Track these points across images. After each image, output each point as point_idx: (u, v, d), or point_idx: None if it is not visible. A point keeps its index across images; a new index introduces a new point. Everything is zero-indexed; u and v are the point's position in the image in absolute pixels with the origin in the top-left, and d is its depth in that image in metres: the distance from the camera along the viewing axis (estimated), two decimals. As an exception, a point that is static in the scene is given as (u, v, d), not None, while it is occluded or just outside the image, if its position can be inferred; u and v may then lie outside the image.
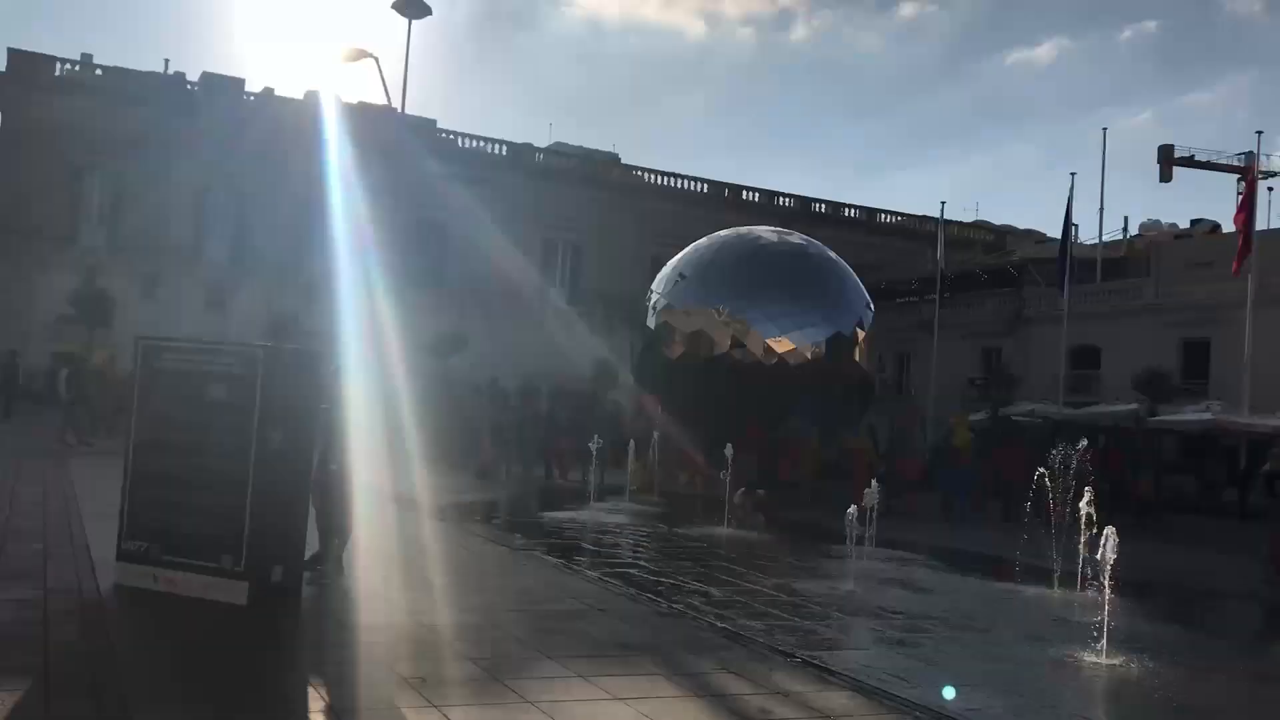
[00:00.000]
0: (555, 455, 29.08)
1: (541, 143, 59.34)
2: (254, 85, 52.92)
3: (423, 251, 47.53)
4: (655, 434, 25.34)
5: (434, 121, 52.71)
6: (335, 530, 10.85)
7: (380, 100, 37.03)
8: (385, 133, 43.23)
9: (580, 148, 62.23)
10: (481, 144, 55.00)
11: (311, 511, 10.40)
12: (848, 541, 14.40)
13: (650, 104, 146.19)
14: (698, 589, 12.27)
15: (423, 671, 7.53)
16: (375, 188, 39.35)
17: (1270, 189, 46.55)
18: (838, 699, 7.63)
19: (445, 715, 6.50)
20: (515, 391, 35.22)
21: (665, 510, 21.69)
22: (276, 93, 50.73)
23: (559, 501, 22.33)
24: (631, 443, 23.52)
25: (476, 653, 8.24)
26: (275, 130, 45.33)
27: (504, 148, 55.23)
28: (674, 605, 10.93)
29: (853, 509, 13.85)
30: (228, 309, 44.90)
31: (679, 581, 12.74)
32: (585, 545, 16.21)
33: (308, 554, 10.46)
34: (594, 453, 21.12)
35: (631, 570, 13.52)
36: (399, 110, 37.46)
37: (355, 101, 46.93)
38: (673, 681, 7.80)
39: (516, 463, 28.18)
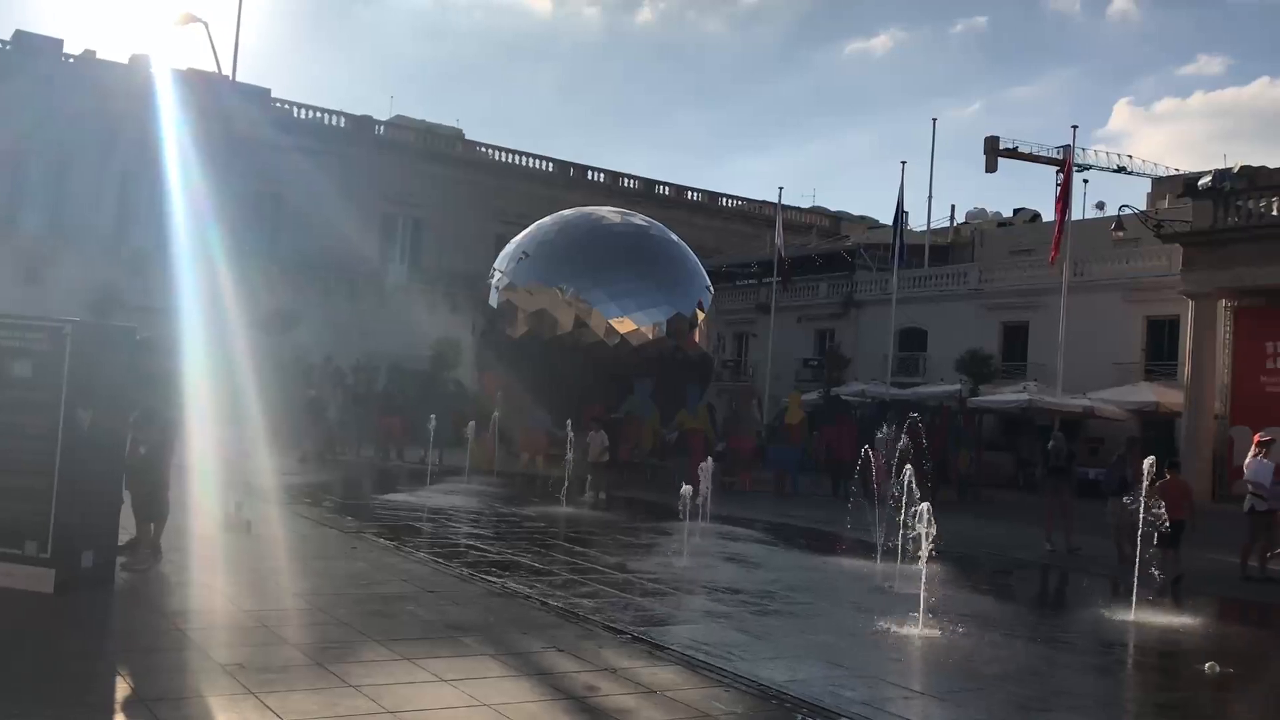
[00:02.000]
0: (385, 435, 28.60)
1: (382, 116, 58.01)
2: (73, 47, 50.05)
3: (256, 224, 45.79)
4: (495, 413, 25.20)
5: (268, 90, 50.81)
6: (152, 514, 10.40)
7: (210, 68, 35.50)
8: (216, 101, 41.42)
9: (423, 122, 61.04)
10: (319, 115, 53.30)
11: (127, 495, 9.96)
12: (682, 518, 14.61)
13: (496, 80, 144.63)
14: (532, 568, 12.27)
15: (241, 658, 7.31)
16: (205, 157, 37.75)
17: (1086, 181, 49.24)
18: (666, 674, 7.74)
19: (262, 702, 6.32)
20: (351, 370, 34.44)
21: (504, 490, 21.61)
22: (99, 56, 48.05)
23: (394, 483, 21.99)
24: (470, 423, 23.30)
25: (299, 638, 8.04)
26: (98, 95, 42.92)
27: (343, 119, 53.68)
28: (507, 585, 10.89)
29: (687, 487, 14.05)
30: (45, 282, 42.41)
31: (514, 561, 12.71)
32: (419, 527, 15.99)
33: (123, 539, 10.03)
34: (431, 433, 20.83)
35: (465, 551, 13.42)
36: (230, 78, 35.95)
37: (184, 68, 44.87)
38: (501, 661, 7.79)
39: (346, 444, 27.61)
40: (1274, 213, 27.89)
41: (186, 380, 11.40)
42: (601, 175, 59.86)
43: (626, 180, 60.59)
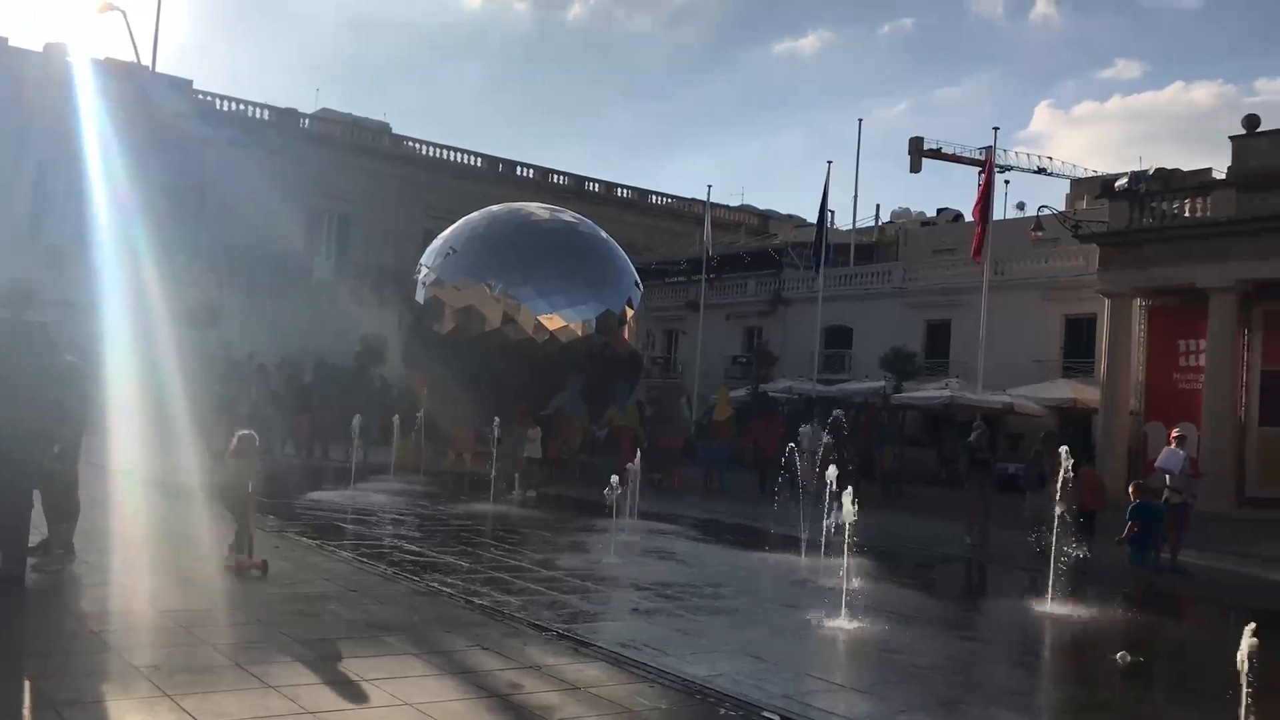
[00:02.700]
0: (305, 433, 28.20)
1: (308, 109, 57.12)
2: (-17, 33, 48.39)
3: (179, 217, 44.70)
4: (421, 411, 24.97)
5: (190, 81, 49.76)
6: (64, 514, 10.15)
7: (130, 57, 34.67)
8: (136, 91, 40.49)
9: (350, 116, 60.25)
10: (242, 107, 52.32)
11: (37, 496, 9.71)
12: (611, 515, 14.63)
13: (424, 75, 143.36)
14: (458, 567, 12.20)
15: (157, 659, 7.17)
16: (126, 148, 36.87)
17: (1007, 181, 50.26)
18: (591, 671, 7.75)
19: (178, 704, 6.20)
20: (276, 367, 33.88)
21: (430, 489, 21.44)
22: (11, 43, 46.67)
23: (318, 481, 21.70)
24: (396, 419, 23.06)
25: (218, 638, 7.91)
26: (11, 84, 41.68)
27: (267, 112, 52.75)
28: (431, 584, 10.82)
29: (614, 483, 14.07)
30: (-46, 277, 41.14)
31: (439, 560, 12.63)
32: (343, 525, 15.79)
33: (34, 540, 9.77)
34: (356, 431, 20.55)
35: (390, 550, 13.30)
36: (151, 68, 35.14)
37: (103, 58, 43.77)
38: (425, 660, 7.73)
39: (268, 442, 27.14)
40: (1187, 214, 28.69)
41: (99, 376, 11.13)
42: (531, 171, 59.63)
43: (556, 176, 60.43)
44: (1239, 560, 17.29)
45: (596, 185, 61.90)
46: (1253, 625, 7.00)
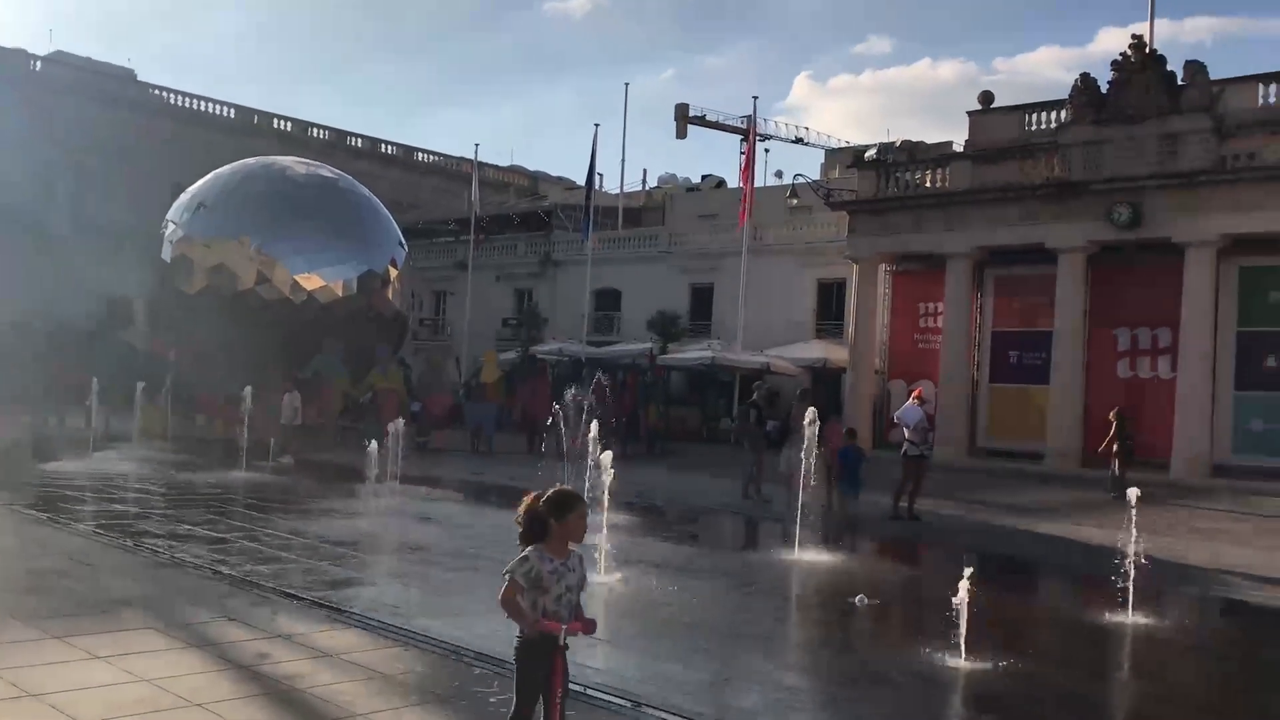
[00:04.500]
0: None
1: (40, 50, 52.71)
2: None
3: (-114, 167, 40.62)
4: (168, 375, 23.67)
5: (-103, 13, 45.02)
6: None
7: None
8: None
9: (88, 60, 55.94)
10: (-41, 45, 47.80)
11: None
12: (371, 480, 14.34)
13: (172, 21, 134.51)
14: (206, 536, 11.67)
15: None
16: None
17: (767, 150, 51.93)
18: (345, 637, 7.59)
19: (-123, 695, 5.67)
20: (10, 328, 31.30)
21: (178, 456, 20.38)
22: None
23: (54, 451, 20.25)
24: (140, 385, 21.77)
25: (-74, 622, 7.27)
26: None
27: (-11, 51, 48.38)
28: (176, 555, 10.31)
29: (373, 446, 13.78)
30: None
31: (186, 530, 12.04)
32: (79, 497, 14.82)
33: None
34: (95, 397, 19.30)
35: (131, 521, 12.57)
36: None
37: None
38: (166, 634, 7.37)
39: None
40: (928, 185, 30.47)
41: None
42: (289, 124, 57.19)
43: (316, 130, 58.22)
44: (970, 507, 18.66)
45: (359, 140, 60.02)
46: (970, 569, 7.60)
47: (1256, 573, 12.67)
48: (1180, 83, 25.49)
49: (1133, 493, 10.12)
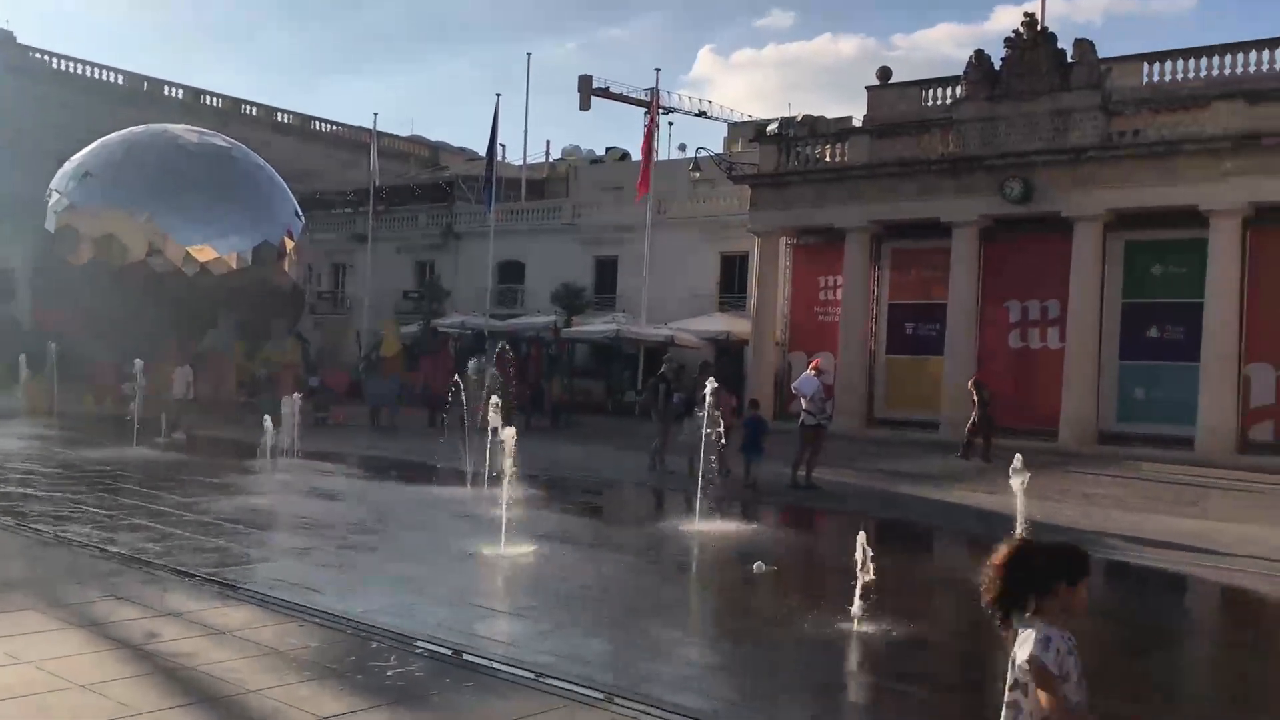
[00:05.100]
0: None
1: (-94, 8, 50.15)
2: None
3: None
4: (53, 347, 22.85)
5: None
6: None
7: None
8: None
9: (-40, 19, 53.49)
10: None
11: None
12: (268, 456, 14.08)
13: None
14: (94, 515, 11.34)
15: None
16: None
17: (671, 123, 51.94)
18: (238, 614, 7.45)
19: None
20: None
21: (64, 433, 19.73)
22: None
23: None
24: (22, 357, 21.00)
25: None
26: None
27: None
28: (62, 534, 9.99)
29: (269, 421, 13.52)
30: None
31: (72, 509, 11.68)
32: (-41, 476, 14.26)
33: None
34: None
35: (14, 501, 12.15)
36: None
37: None
38: (48, 615, 7.15)
39: None
40: (828, 159, 30.83)
41: None
42: (180, 91, 55.40)
43: (209, 98, 56.51)
44: (867, 475, 19.05)
45: (254, 109, 58.41)
46: (864, 534, 7.77)
47: (1139, 535, 13.18)
48: (1070, 60, 26.18)
49: (1018, 458, 10.41)
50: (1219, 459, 22.79)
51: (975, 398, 22.37)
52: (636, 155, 49.97)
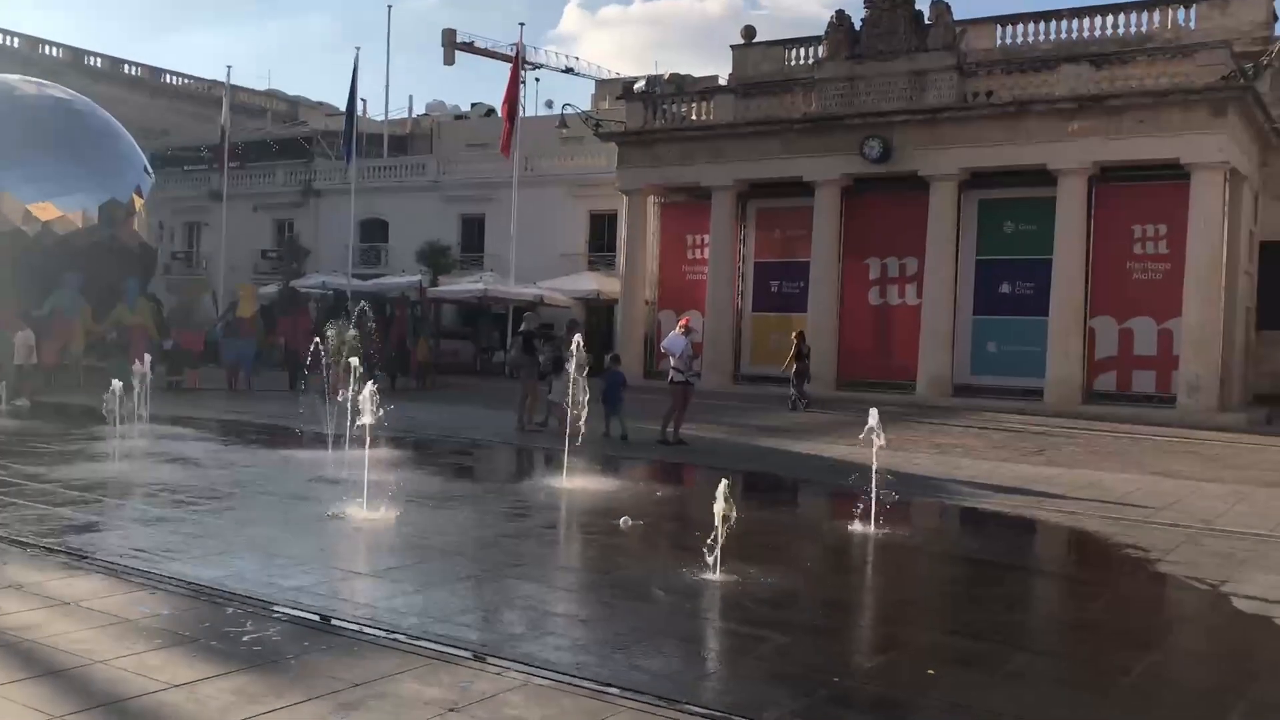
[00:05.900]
0: None
1: None
2: None
3: None
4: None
5: None
6: None
7: None
8: None
9: None
10: None
11: None
12: (117, 421, 13.54)
13: None
14: (-74, 486, 10.74)
15: None
16: None
17: (538, 80, 51.35)
18: (85, 584, 7.17)
19: None
20: None
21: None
22: None
23: None
24: None
25: None
26: None
27: None
28: (-111, 507, 9.45)
29: (118, 385, 12.99)
30: None
31: (-99, 480, 11.05)
32: None
33: None
34: None
35: None
36: None
37: None
38: (-128, 593, 6.75)
39: None
40: (694, 118, 30.99)
41: None
42: (16, 40, 52.41)
43: (48, 48, 53.60)
44: (732, 430, 19.37)
45: (98, 60, 55.69)
46: (725, 484, 7.89)
47: (988, 482, 13.73)
48: (928, 22, 26.80)
49: (874, 412, 10.70)
50: (1066, 409, 23.92)
51: (797, 349, 24.37)
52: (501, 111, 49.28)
